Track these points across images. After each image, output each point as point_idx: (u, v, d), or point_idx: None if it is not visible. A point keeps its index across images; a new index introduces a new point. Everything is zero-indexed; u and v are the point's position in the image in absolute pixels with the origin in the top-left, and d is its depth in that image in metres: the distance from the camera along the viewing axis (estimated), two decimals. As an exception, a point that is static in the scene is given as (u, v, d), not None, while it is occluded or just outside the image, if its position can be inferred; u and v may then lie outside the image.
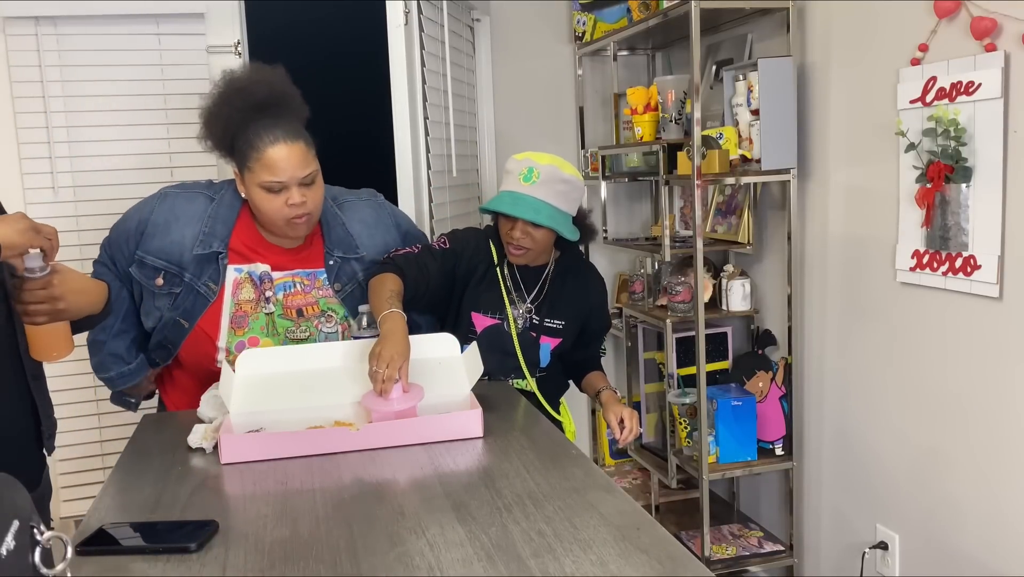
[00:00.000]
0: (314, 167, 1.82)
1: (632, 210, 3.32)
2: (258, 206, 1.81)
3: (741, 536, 2.74)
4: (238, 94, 1.81)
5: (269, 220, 1.83)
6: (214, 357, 1.87)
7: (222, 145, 1.86)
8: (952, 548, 2.08)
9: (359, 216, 2.01)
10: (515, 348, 2.03)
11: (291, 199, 1.78)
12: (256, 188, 1.79)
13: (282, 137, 1.77)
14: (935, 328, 2.07)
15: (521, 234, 1.96)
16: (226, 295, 1.87)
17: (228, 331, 1.87)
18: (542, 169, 1.94)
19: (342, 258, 1.95)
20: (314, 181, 1.82)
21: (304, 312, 1.92)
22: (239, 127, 1.80)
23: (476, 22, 3.11)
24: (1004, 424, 1.91)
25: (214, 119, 1.83)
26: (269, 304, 1.89)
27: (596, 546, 1.15)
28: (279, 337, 1.89)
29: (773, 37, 2.57)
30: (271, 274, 1.90)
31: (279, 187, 1.77)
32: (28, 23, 2.52)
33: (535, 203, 1.92)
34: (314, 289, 1.93)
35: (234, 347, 1.87)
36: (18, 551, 0.85)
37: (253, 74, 1.86)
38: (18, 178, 2.56)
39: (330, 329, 1.93)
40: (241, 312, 1.87)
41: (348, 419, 1.65)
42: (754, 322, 2.75)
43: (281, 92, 1.85)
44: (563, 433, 2.10)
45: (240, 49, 2.65)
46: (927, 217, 1.99)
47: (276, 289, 1.90)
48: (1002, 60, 1.80)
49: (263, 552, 1.17)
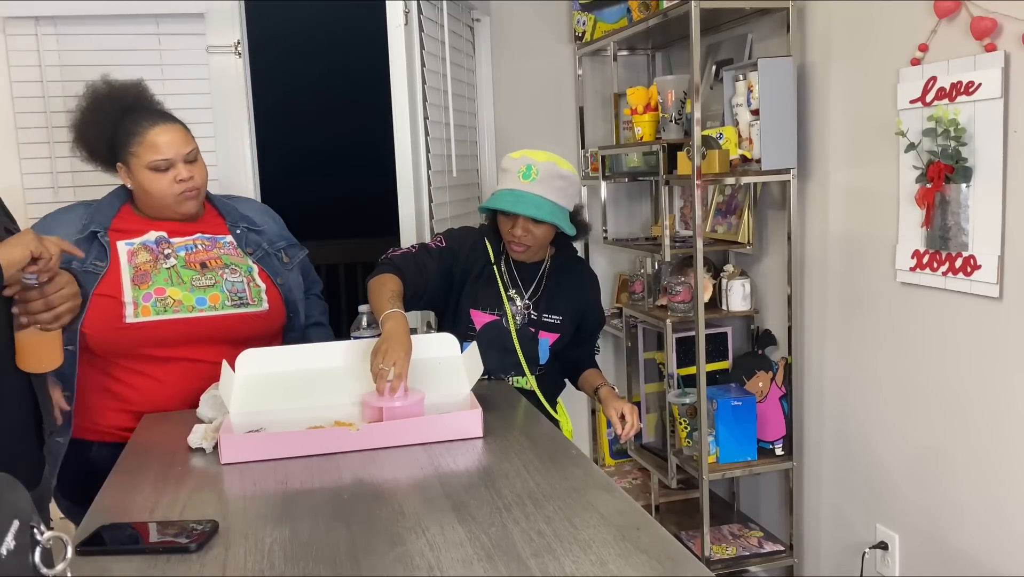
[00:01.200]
0: (194, 145, 1.95)
1: (632, 210, 3.32)
2: (147, 188, 1.91)
3: (741, 536, 2.74)
4: (106, 100, 1.95)
5: (160, 200, 1.92)
6: (121, 313, 1.86)
7: (98, 150, 1.96)
8: (952, 548, 2.08)
9: (249, 205, 2.18)
10: (514, 344, 2.04)
11: (179, 175, 1.90)
12: (143, 171, 1.90)
13: (160, 120, 1.92)
14: (935, 328, 2.07)
15: (523, 231, 1.97)
16: (122, 262, 1.90)
17: (131, 287, 1.88)
18: (540, 166, 1.95)
19: (247, 228, 2.06)
20: (197, 158, 1.95)
21: (208, 264, 1.96)
22: (116, 126, 1.91)
23: (476, 22, 3.11)
24: (1004, 424, 1.91)
25: (87, 126, 1.95)
26: (169, 259, 1.93)
27: (596, 546, 1.15)
28: (186, 285, 1.91)
29: (773, 37, 2.57)
30: (168, 238, 1.96)
31: (166, 165, 1.89)
32: (28, 23, 2.52)
33: (536, 200, 1.94)
34: (215, 248, 1.99)
35: (141, 298, 1.87)
36: (18, 551, 0.85)
37: (115, 83, 1.99)
38: (18, 178, 2.56)
39: (236, 279, 1.96)
40: (141, 272, 1.90)
41: (348, 419, 1.65)
42: (754, 322, 2.75)
43: (145, 95, 2.00)
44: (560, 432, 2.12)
45: (240, 49, 2.66)
46: (927, 217, 1.99)
47: (177, 249, 1.95)
48: (1002, 60, 1.80)
49: (263, 552, 1.17)
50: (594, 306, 2.21)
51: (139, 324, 1.85)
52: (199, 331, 1.89)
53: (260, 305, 1.96)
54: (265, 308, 1.97)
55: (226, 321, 1.91)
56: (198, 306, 1.91)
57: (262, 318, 1.97)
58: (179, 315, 1.88)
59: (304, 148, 4.56)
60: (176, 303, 1.89)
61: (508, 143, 3.13)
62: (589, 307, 2.18)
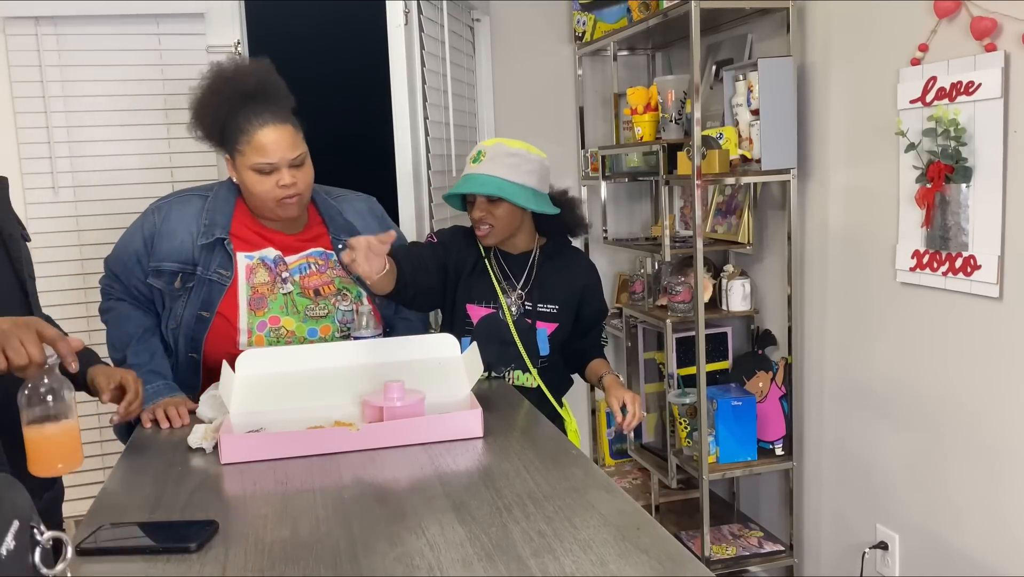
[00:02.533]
0: (303, 149, 1.89)
1: (632, 210, 3.32)
2: (250, 189, 1.87)
3: (741, 536, 2.74)
4: (227, 83, 1.87)
5: (261, 202, 1.88)
6: (236, 340, 1.89)
7: (212, 133, 1.91)
8: (952, 548, 2.08)
9: (353, 208, 2.09)
10: (513, 336, 2.04)
11: (282, 180, 1.85)
12: (247, 171, 1.85)
13: (271, 120, 1.84)
14: (935, 328, 2.07)
15: (481, 212, 1.99)
16: (240, 280, 1.90)
17: (247, 312, 1.90)
18: (488, 149, 2.01)
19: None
20: (303, 163, 1.89)
21: (321, 291, 1.96)
22: (229, 114, 1.86)
23: (476, 22, 3.11)
24: (1004, 424, 1.91)
25: (204, 108, 1.89)
26: (287, 284, 1.93)
27: (596, 546, 1.15)
28: (299, 315, 1.93)
29: (773, 37, 2.57)
30: (284, 258, 1.95)
31: (270, 168, 1.84)
32: (28, 23, 2.52)
33: (482, 178, 1.97)
34: (328, 269, 1.99)
35: (256, 327, 1.89)
36: (18, 551, 0.85)
37: (241, 64, 1.93)
38: (18, 178, 2.56)
39: (346, 307, 1.98)
40: (258, 295, 1.91)
41: (348, 419, 1.65)
42: (754, 322, 2.75)
43: (269, 80, 1.92)
44: (565, 430, 2.12)
45: (240, 49, 2.66)
46: (927, 217, 1.99)
47: (292, 271, 1.95)
48: (1002, 60, 1.80)
49: (263, 552, 1.17)
50: (590, 294, 2.16)
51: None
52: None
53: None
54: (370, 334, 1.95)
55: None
56: (309, 337, 1.93)
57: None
58: (291, 346, 1.89)
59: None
60: (289, 333, 1.91)
61: (508, 143, 3.12)
62: (585, 294, 2.14)
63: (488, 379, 2.02)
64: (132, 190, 2.58)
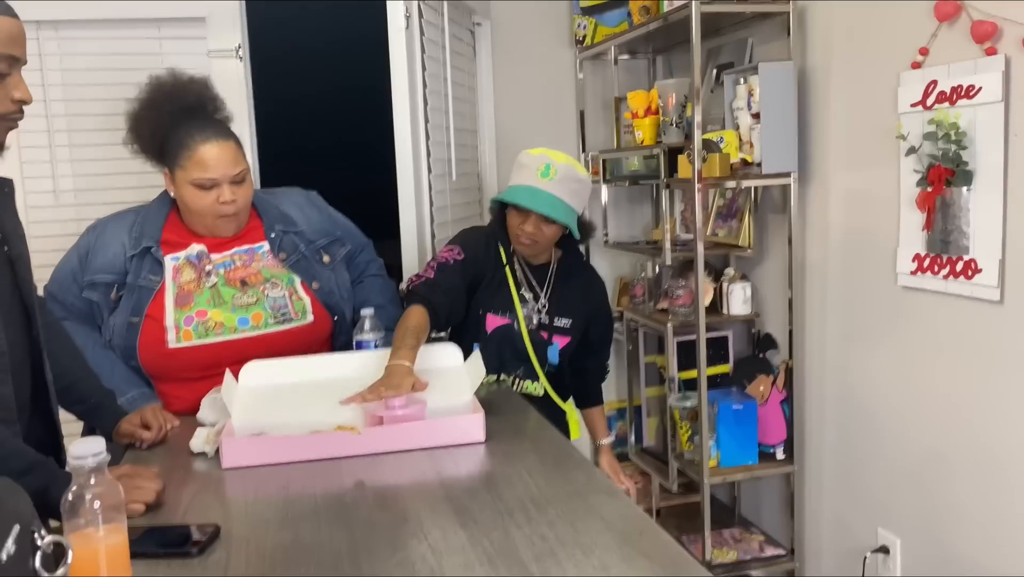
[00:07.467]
0: (244, 165, 1.89)
1: (633, 214, 3.32)
2: (188, 204, 1.87)
3: (742, 540, 2.73)
4: (167, 99, 1.88)
5: (199, 218, 1.89)
6: (165, 339, 1.86)
7: (150, 148, 1.91)
8: (953, 552, 2.08)
9: (290, 200, 2.08)
10: (527, 348, 2.05)
11: (222, 196, 1.85)
12: (187, 186, 1.85)
13: (213, 136, 1.84)
14: (936, 332, 2.07)
15: (533, 228, 1.99)
16: (167, 281, 1.89)
17: (173, 310, 1.87)
18: (559, 167, 1.98)
19: (283, 231, 2.00)
20: (244, 179, 1.89)
21: (248, 281, 1.93)
22: (170, 128, 1.86)
23: (477, 26, 3.11)
24: (1005, 428, 1.91)
25: (142, 123, 1.90)
26: (211, 277, 1.91)
27: (598, 550, 1.15)
28: (227, 305, 1.89)
29: (773, 41, 2.57)
30: (209, 254, 1.93)
31: (211, 184, 1.84)
32: (30, 27, 2.48)
33: (552, 199, 1.95)
34: (253, 262, 1.96)
35: (182, 322, 1.86)
36: (19, 555, 0.85)
37: (180, 79, 1.93)
38: (19, 183, 2.54)
39: (278, 294, 1.93)
40: (184, 292, 1.89)
41: (350, 423, 1.64)
42: (755, 326, 2.75)
43: (209, 97, 1.93)
44: (567, 426, 2.15)
45: (241, 53, 2.66)
46: (928, 221, 1.99)
47: (217, 266, 1.93)
48: (1003, 64, 1.80)
49: (264, 556, 1.17)
50: (600, 312, 2.22)
51: (181, 349, 1.85)
52: (243, 352, 1.87)
53: (304, 318, 1.94)
54: (310, 320, 1.94)
55: (270, 339, 1.90)
56: (240, 327, 1.89)
57: (307, 331, 1.95)
58: (221, 337, 1.87)
59: (305, 151, 4.57)
60: (218, 325, 1.87)
61: (509, 146, 3.13)
62: (596, 313, 2.19)
63: (496, 382, 2.04)
64: (133, 195, 2.56)
